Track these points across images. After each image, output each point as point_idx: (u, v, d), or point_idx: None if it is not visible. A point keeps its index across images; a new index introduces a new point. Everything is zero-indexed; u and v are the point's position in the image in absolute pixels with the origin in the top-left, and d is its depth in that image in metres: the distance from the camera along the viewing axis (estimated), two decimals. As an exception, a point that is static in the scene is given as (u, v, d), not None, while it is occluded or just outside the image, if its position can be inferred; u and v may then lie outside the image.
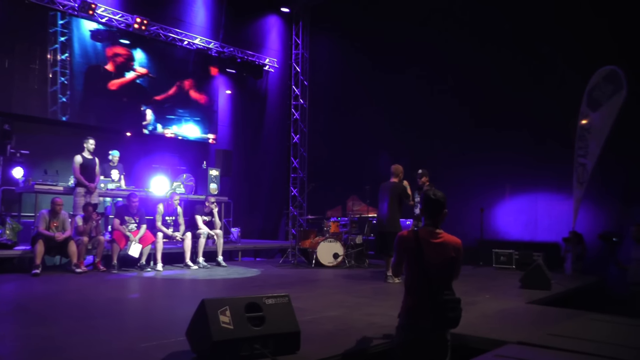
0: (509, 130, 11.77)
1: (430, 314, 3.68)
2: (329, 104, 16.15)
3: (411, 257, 3.84)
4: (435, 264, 3.76)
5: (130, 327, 5.32)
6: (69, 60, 12.57)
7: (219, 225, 11.01)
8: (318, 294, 7.53)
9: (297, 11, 16.92)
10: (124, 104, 13.60)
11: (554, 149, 11.14)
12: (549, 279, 8.04)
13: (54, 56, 12.28)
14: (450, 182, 11.96)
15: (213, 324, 3.79)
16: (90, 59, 12.97)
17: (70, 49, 12.62)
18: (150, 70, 14.13)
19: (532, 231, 11.75)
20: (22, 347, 4.46)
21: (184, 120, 14.84)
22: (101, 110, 13.13)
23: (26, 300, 6.85)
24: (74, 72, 12.62)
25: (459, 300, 3.76)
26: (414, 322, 3.77)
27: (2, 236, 9.33)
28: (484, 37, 12.24)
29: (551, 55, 11.29)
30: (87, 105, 12.90)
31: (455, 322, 3.73)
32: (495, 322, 5.51)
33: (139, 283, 8.52)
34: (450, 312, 3.68)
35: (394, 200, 9.04)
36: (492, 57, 12.12)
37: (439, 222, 3.91)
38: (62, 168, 10.91)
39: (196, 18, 15.03)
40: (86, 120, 12.82)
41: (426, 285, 3.74)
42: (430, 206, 3.91)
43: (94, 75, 13.00)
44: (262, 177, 16.42)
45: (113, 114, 13.32)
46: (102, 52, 13.18)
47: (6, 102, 11.56)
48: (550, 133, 11.23)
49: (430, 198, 3.91)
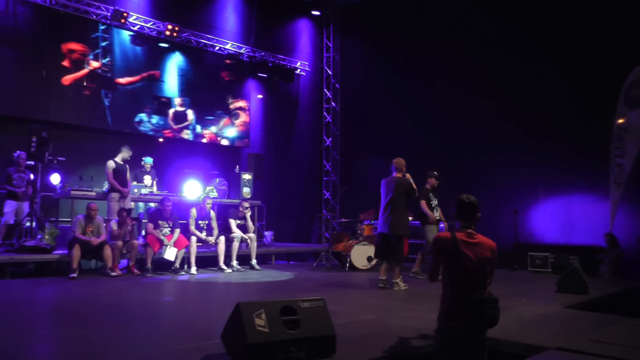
0: (541, 132, 11.57)
1: (469, 313, 3.72)
2: (361, 107, 16.08)
3: (450, 258, 3.88)
4: (473, 265, 3.80)
5: (165, 330, 5.35)
6: (110, 64, 12.80)
7: (252, 229, 11.04)
8: (352, 297, 7.48)
9: (327, 14, 16.88)
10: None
11: (588, 149, 10.90)
12: (586, 283, 7.83)
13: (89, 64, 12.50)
14: (482, 185, 11.88)
15: (248, 327, 3.80)
16: (130, 65, 13.19)
17: (111, 55, 12.85)
18: (188, 74, 14.30)
19: (568, 234, 11.49)
20: (62, 348, 4.53)
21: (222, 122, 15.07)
22: (134, 116, 13.28)
23: (64, 302, 6.95)
24: (106, 79, 12.80)
25: (497, 300, 3.81)
26: (454, 324, 3.80)
27: (41, 241, 9.50)
28: (512, 41, 12.07)
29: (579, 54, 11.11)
30: (122, 111, 13.04)
31: (494, 321, 3.78)
32: (533, 327, 5.41)
33: (174, 286, 8.58)
34: (488, 311, 3.73)
35: (401, 199, 8.18)
36: (522, 60, 11.95)
37: (473, 225, 3.98)
38: (96, 174, 11.08)
39: (227, 24, 15.11)
40: (120, 127, 12.99)
41: (465, 286, 3.79)
42: (465, 209, 3.99)
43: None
44: (295, 181, 16.42)
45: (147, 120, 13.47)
46: (140, 58, 13.39)
47: (44, 110, 11.77)
48: (583, 133, 10.99)
49: (465, 202, 4.00)
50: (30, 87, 11.68)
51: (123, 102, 13.01)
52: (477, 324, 3.76)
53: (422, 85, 13.88)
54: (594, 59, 10.76)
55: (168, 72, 13.93)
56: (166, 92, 13.86)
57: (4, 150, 10.72)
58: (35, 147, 9.91)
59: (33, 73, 11.72)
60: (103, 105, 12.67)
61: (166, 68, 13.93)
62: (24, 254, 9.21)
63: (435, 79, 13.55)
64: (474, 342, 3.80)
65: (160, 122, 13.73)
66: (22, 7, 11.56)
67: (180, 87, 14.16)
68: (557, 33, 11.37)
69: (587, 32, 10.91)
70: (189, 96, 14.30)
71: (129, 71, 13.19)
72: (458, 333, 3.77)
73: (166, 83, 13.86)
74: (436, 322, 3.99)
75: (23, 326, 5.25)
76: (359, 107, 16.17)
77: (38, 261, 9.40)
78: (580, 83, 11.07)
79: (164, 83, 13.81)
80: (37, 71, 11.76)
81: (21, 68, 11.61)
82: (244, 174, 13.06)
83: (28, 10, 11.65)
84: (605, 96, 10.51)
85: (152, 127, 13.56)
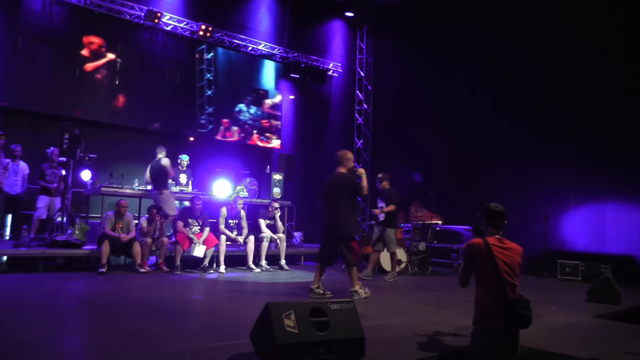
0: (573, 139, 11.37)
1: (505, 314, 3.92)
2: (392, 110, 16.00)
3: (483, 263, 4.08)
4: (506, 268, 4.04)
5: (193, 328, 5.31)
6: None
7: (282, 229, 11.01)
8: (381, 300, 7.37)
9: (361, 16, 16.84)
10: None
11: (621, 155, 10.69)
12: (618, 293, 7.58)
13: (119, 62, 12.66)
14: (512, 191, 11.73)
15: (277, 327, 3.73)
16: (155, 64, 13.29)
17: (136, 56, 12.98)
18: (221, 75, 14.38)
19: (599, 242, 11.22)
20: (90, 343, 4.52)
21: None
22: (163, 114, 13.37)
23: (93, 297, 6.98)
24: (138, 78, 12.94)
25: (529, 301, 4.00)
26: (491, 325, 3.98)
27: (71, 236, 9.57)
28: (547, 46, 11.90)
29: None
30: (150, 110, 13.16)
31: (528, 321, 3.95)
32: (563, 336, 5.26)
33: (202, 284, 8.56)
34: (523, 310, 3.91)
35: (343, 197, 7.20)
36: (556, 63, 11.78)
37: (501, 232, 4.25)
38: (127, 171, 11.18)
39: (260, 24, 15.14)
40: (150, 125, 13.12)
41: (500, 289, 3.99)
42: (495, 217, 4.25)
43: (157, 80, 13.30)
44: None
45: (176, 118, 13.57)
46: (168, 59, 13.48)
47: (76, 108, 11.96)
48: (615, 140, 10.78)
49: (495, 210, 4.26)
50: (64, 86, 11.87)
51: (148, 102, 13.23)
52: (514, 324, 3.93)
53: (454, 91, 13.75)
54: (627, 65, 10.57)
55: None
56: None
57: (37, 146, 10.91)
58: (67, 144, 9.98)
59: (66, 72, 11.90)
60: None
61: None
62: (55, 249, 9.29)
63: (467, 85, 13.41)
64: (511, 343, 3.98)
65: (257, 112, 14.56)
66: (58, 7, 11.75)
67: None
68: (588, 41, 11.20)
69: (618, 40, 10.75)
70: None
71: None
72: (496, 334, 3.96)
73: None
74: (471, 326, 4.15)
75: (52, 320, 5.26)
76: (390, 109, 16.08)
77: (68, 256, 9.48)
78: (615, 88, 10.87)
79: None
80: (71, 70, 11.93)
81: (55, 67, 11.80)
82: (274, 174, 13.05)
83: (64, 11, 11.84)
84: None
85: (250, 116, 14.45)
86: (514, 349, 3.99)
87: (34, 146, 11.03)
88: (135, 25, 12.77)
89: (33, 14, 11.46)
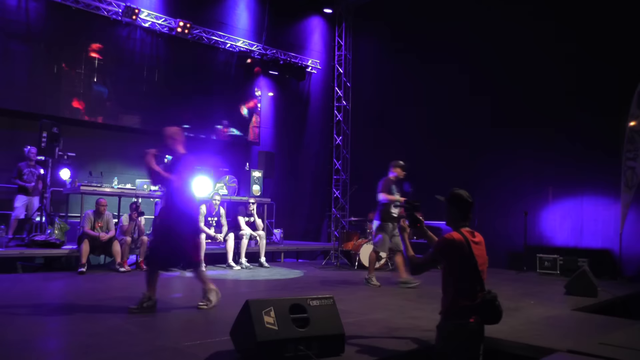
0: (551, 133, 11.53)
1: (482, 310, 3.75)
2: (372, 106, 16.05)
3: (463, 261, 3.85)
4: (481, 263, 3.86)
5: (174, 326, 5.35)
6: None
7: (261, 227, 11.03)
8: (361, 296, 7.46)
9: (340, 12, 16.87)
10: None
11: (599, 152, 10.87)
12: (595, 286, 7.73)
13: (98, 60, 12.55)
14: (492, 186, 11.84)
15: (257, 325, 3.78)
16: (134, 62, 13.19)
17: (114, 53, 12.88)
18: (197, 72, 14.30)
19: (577, 236, 11.39)
20: (70, 343, 4.53)
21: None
22: (143, 112, 13.29)
23: (73, 297, 6.94)
24: (116, 76, 12.83)
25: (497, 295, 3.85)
26: (465, 322, 3.79)
27: (50, 235, 9.53)
28: (529, 39, 12.00)
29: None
30: (130, 107, 13.09)
31: (501, 315, 3.81)
32: (542, 329, 5.36)
33: (182, 283, 8.56)
34: (499, 306, 3.76)
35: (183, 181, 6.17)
36: (537, 59, 11.87)
37: (469, 222, 4.02)
38: (106, 170, 11.12)
39: (239, 21, 15.10)
40: (129, 123, 13.03)
41: (474, 284, 3.83)
42: (467, 208, 4.01)
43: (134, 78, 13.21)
44: (305, 179, 16.40)
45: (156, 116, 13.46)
46: (146, 55, 13.39)
47: (54, 106, 11.80)
48: (595, 135, 10.95)
49: (465, 199, 4.00)
50: (42, 83, 11.72)
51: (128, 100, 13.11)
52: (490, 320, 3.80)
53: (433, 86, 13.84)
54: (611, 61, 10.70)
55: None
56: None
57: (15, 145, 10.79)
58: (45, 142, 9.94)
59: (44, 69, 11.75)
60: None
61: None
62: (33, 249, 9.26)
63: (447, 78, 13.47)
64: (481, 335, 3.86)
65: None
66: (34, 2, 11.59)
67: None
68: (572, 32, 11.31)
69: (602, 32, 10.85)
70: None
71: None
72: (471, 330, 3.79)
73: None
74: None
75: (32, 320, 5.26)
76: (370, 105, 16.14)
77: (47, 256, 9.45)
78: (592, 85, 11.01)
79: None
80: (49, 67, 11.81)
81: (33, 64, 11.64)
82: (254, 171, 13.06)
83: (40, 7, 11.68)
84: (617, 99, 10.46)
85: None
86: (482, 340, 3.88)
87: (12, 145, 10.91)
88: (114, 22, 12.62)
89: (8, 10, 11.24)
